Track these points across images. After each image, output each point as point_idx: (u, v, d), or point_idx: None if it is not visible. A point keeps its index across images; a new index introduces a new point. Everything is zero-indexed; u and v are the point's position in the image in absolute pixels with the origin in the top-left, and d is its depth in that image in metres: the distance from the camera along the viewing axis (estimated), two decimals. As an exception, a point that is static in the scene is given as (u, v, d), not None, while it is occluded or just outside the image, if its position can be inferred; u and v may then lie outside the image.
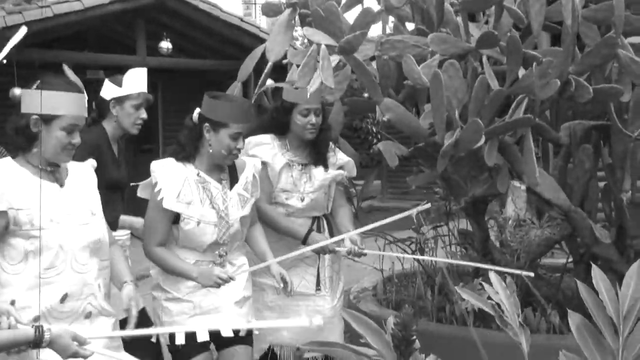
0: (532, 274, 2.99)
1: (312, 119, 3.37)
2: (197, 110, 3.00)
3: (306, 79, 3.06)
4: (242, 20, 10.50)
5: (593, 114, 3.91)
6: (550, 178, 3.61)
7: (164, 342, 3.04)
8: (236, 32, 10.44)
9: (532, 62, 3.15)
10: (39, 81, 2.47)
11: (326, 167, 3.51)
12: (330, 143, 3.61)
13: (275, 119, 3.47)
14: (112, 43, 11.37)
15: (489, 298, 4.14)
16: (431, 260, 4.99)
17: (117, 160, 3.48)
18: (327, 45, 3.12)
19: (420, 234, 4.76)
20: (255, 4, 24.72)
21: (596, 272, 2.26)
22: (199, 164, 3.00)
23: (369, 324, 2.05)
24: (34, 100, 2.41)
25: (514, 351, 2.23)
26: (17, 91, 7.89)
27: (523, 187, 3.57)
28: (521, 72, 3.27)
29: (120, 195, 3.51)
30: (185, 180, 2.93)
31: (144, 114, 3.46)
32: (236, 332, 2.96)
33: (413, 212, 3.28)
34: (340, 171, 3.53)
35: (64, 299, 2.39)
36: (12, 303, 2.32)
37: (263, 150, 3.41)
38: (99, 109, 3.44)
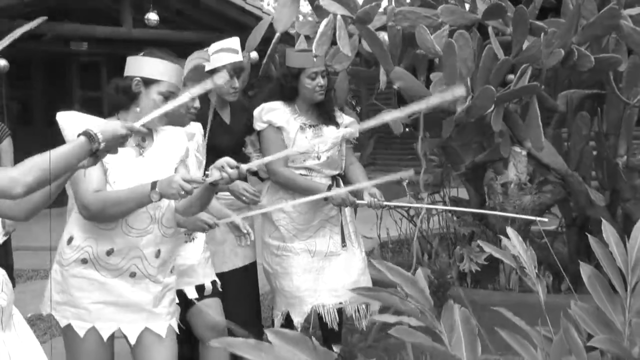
0: (546, 220, 3.16)
1: (320, 81, 3.52)
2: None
3: (324, 48, 3.20)
4: (228, -8, 10.51)
5: (588, 84, 4.11)
6: (549, 144, 3.79)
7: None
8: (223, 5, 10.47)
9: (537, 33, 3.32)
10: (146, 50, 2.64)
11: (337, 125, 3.66)
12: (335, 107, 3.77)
13: (284, 86, 3.60)
14: (95, 15, 11.31)
15: (486, 259, 4.36)
16: (427, 225, 5.18)
17: (228, 127, 3.59)
18: (342, 16, 3.26)
19: (420, 199, 4.92)
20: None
21: (607, 227, 2.43)
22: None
23: (403, 274, 2.21)
24: (139, 64, 2.60)
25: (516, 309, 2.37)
26: (2, 62, 7.87)
27: (524, 152, 3.76)
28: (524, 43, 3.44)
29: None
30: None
31: (235, 83, 3.52)
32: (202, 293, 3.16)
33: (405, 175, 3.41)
34: (350, 129, 3.68)
35: (109, 252, 2.54)
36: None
37: (277, 116, 3.55)
38: None
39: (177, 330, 2.78)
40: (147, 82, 2.58)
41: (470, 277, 4.36)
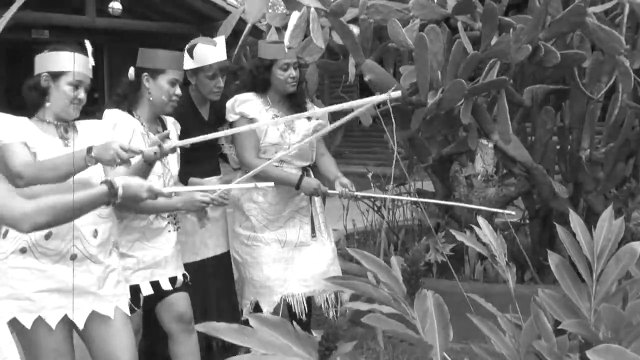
0: (513, 213, 3.24)
1: (292, 72, 3.54)
2: (132, 68, 3.13)
3: (297, 40, 3.23)
4: (192, -18, 10.48)
5: (552, 79, 4.21)
6: (515, 137, 3.88)
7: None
8: (187, -5, 10.44)
9: (505, 29, 3.40)
10: (49, 46, 2.70)
11: (308, 117, 3.69)
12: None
13: (256, 77, 3.61)
14: (58, 3, 11.16)
15: (451, 250, 4.42)
16: (393, 217, 5.25)
17: (206, 123, 3.56)
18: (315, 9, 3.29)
19: (385, 192, 5.00)
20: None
21: (573, 216, 2.51)
22: (140, 115, 3.12)
23: (378, 262, 2.25)
24: (45, 60, 2.66)
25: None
26: None
27: (490, 144, 3.84)
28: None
29: (209, 154, 3.64)
30: (134, 131, 3.05)
31: (220, 83, 3.51)
32: (174, 285, 3.16)
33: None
34: (320, 121, 3.71)
35: (48, 236, 2.54)
36: None
37: (249, 107, 3.56)
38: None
39: (129, 313, 2.77)
40: (55, 75, 2.64)
41: (436, 268, 4.44)
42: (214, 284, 3.61)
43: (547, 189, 3.98)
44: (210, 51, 3.45)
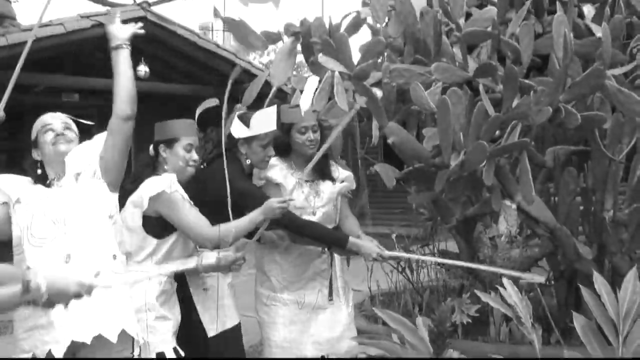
0: (542, 279, 3.24)
1: (310, 135, 3.62)
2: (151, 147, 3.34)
3: (322, 103, 3.31)
4: (218, 46, 10.72)
5: (573, 140, 4.25)
6: (538, 198, 3.89)
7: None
8: (212, 59, 10.67)
9: (526, 91, 3.45)
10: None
11: (333, 180, 3.75)
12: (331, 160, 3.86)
13: (277, 140, 3.70)
14: (88, 67, 11.45)
15: (476, 311, 4.39)
16: (418, 278, 5.25)
17: None
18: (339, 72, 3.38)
19: (409, 252, 5.01)
20: (212, 30, 24.88)
21: (597, 278, 2.52)
22: None
23: (404, 322, 2.28)
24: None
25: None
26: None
27: (514, 206, 3.86)
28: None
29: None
30: None
31: (271, 152, 3.58)
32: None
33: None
34: (345, 183, 3.77)
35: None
36: None
37: (275, 173, 3.64)
38: (230, 143, 3.49)
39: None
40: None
41: (461, 329, 4.41)
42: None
43: (571, 250, 3.97)
44: (266, 120, 3.50)
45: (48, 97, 11.26)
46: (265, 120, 3.49)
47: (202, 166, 3.53)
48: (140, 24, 3.17)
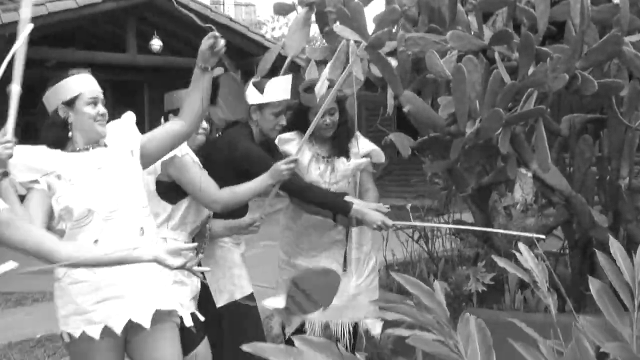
0: (543, 237, 3.25)
1: (327, 119, 3.63)
2: (162, 116, 3.40)
3: (337, 72, 3.31)
4: (231, 20, 10.70)
5: (589, 108, 4.23)
6: (553, 166, 3.89)
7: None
8: (225, 32, 10.63)
9: (542, 58, 3.44)
10: (50, 82, 2.86)
11: (348, 157, 3.76)
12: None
13: (297, 117, 3.73)
14: (100, 41, 11.47)
15: (491, 279, 4.41)
16: (433, 247, 5.27)
17: None
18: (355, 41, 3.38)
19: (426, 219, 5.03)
20: (223, 5, 24.82)
21: (614, 243, 2.52)
22: None
23: (422, 286, 2.29)
24: (53, 95, 2.81)
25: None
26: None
27: (529, 174, 3.86)
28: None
29: None
30: None
31: (283, 120, 3.59)
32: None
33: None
34: (364, 159, 3.77)
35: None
36: None
37: (292, 147, 3.66)
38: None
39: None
40: (69, 103, 2.80)
41: (476, 297, 4.44)
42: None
43: (587, 218, 3.97)
44: (280, 88, 3.52)
45: (58, 72, 11.29)
46: (279, 88, 3.51)
47: (217, 135, 3.57)
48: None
